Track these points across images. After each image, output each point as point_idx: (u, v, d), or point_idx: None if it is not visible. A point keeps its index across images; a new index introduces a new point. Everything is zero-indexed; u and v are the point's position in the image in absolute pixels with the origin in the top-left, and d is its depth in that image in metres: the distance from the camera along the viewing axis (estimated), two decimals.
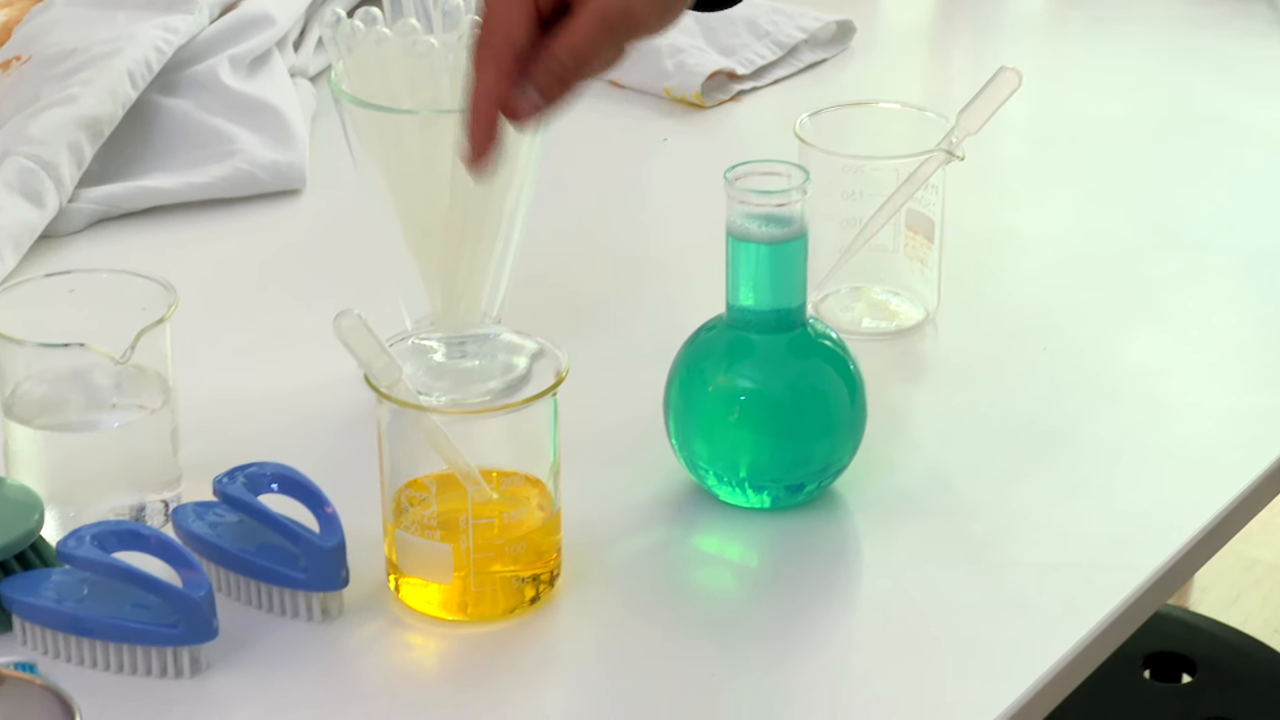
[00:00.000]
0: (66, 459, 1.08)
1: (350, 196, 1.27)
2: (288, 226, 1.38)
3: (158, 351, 1.07)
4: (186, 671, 1.00)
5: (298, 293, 1.30)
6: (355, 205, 1.24)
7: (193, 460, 1.11)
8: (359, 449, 1.12)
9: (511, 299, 1.21)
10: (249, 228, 1.37)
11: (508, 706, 0.99)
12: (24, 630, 1.01)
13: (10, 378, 1.07)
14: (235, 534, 1.05)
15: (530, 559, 1.03)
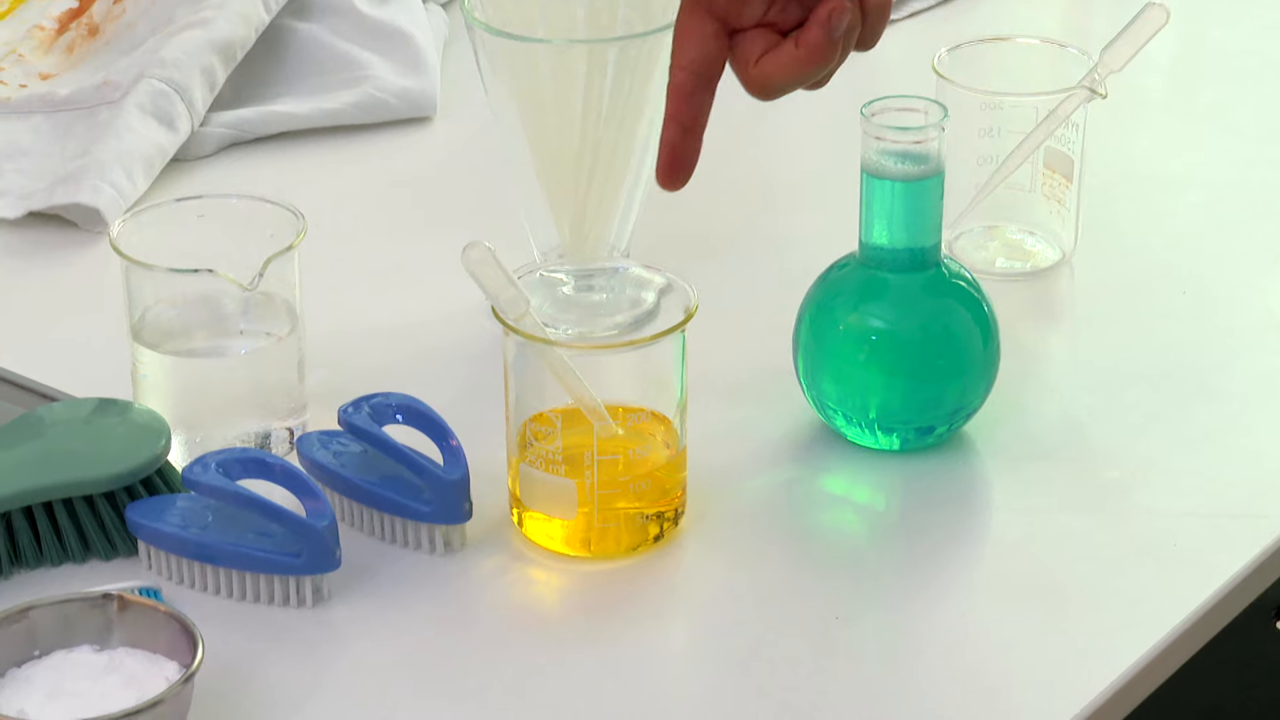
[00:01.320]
0: (193, 384, 1.08)
1: (480, 125, 1.26)
2: (417, 155, 1.37)
3: (286, 279, 1.07)
4: (308, 601, 0.99)
5: (426, 222, 1.29)
6: (485, 134, 1.23)
7: (317, 389, 1.11)
8: (484, 381, 1.11)
9: (640, 232, 1.19)
10: (378, 155, 1.36)
11: (629, 644, 0.98)
12: (149, 555, 1.01)
13: (139, 302, 1.07)
14: (359, 464, 1.04)
15: (655, 496, 1.02)
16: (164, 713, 0.88)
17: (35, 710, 0.88)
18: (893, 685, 0.96)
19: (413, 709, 0.94)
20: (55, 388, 1.12)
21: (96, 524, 1.01)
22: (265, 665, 0.96)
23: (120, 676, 0.90)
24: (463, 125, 1.39)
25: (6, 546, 1.00)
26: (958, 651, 0.98)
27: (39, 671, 0.91)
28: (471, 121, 1.37)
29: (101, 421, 1.04)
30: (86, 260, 1.25)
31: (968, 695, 0.95)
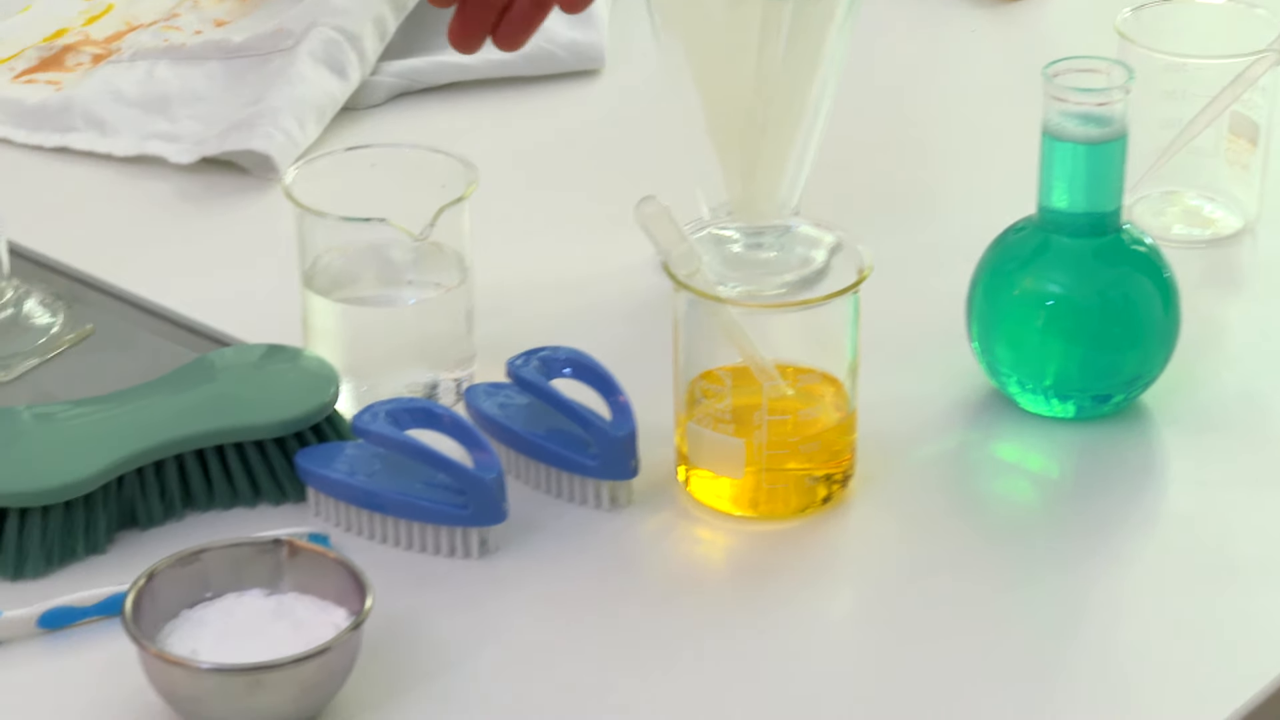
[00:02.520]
0: (363, 333, 1.08)
1: (648, 79, 1.25)
2: (585, 107, 1.36)
3: (456, 229, 1.07)
4: (475, 553, 0.99)
5: (594, 175, 1.29)
6: (653, 88, 1.22)
7: (485, 340, 1.11)
8: (652, 337, 1.10)
9: (811, 190, 1.18)
10: (547, 107, 1.36)
11: (794, 605, 0.97)
12: (317, 502, 1.01)
13: (310, 249, 1.07)
14: (526, 417, 1.04)
15: (824, 458, 1.01)
16: (332, 660, 0.88)
17: (206, 651, 0.88)
18: (1056, 657, 0.94)
19: (575, 664, 0.94)
20: (227, 332, 1.13)
21: (266, 469, 1.02)
22: (431, 615, 0.96)
23: (289, 622, 0.91)
24: (630, 79, 1.38)
25: (179, 488, 1.01)
26: (1129, 625, 0.96)
27: (210, 613, 0.91)
28: (639, 75, 1.36)
29: (272, 367, 1.05)
30: (258, 206, 1.25)
31: (1132, 672, 0.94)
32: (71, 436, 0.99)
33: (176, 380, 1.03)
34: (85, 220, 1.24)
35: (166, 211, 1.25)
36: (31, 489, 0.96)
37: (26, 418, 1.00)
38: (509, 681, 0.93)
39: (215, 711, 0.88)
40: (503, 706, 0.91)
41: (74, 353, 1.12)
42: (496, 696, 0.92)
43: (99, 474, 0.98)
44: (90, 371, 1.10)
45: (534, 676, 0.93)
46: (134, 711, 0.90)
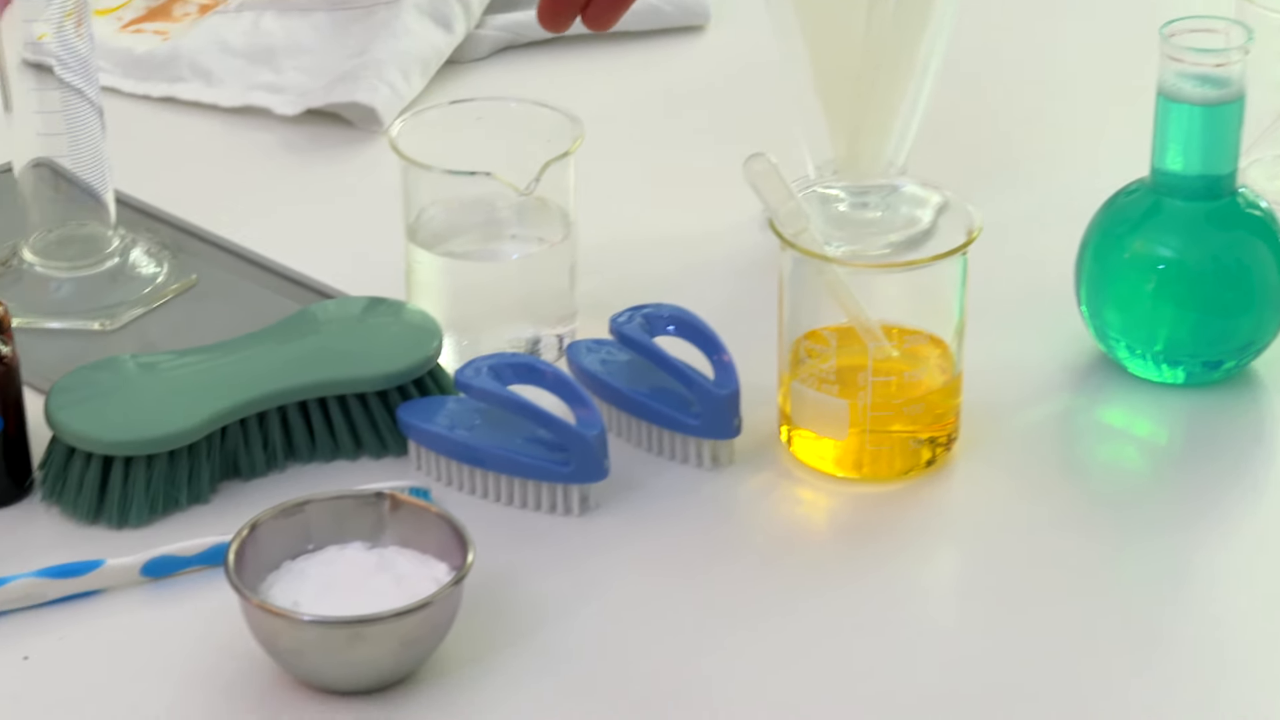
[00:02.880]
0: (466, 287, 1.07)
1: (753, 35, 1.24)
2: (689, 63, 1.35)
3: (561, 185, 1.06)
4: (575, 509, 0.99)
5: (697, 131, 1.28)
6: (758, 44, 1.21)
7: (587, 296, 1.10)
8: (757, 296, 1.09)
9: (918, 150, 1.17)
10: (651, 62, 1.35)
11: (895, 569, 0.96)
12: (418, 455, 1.01)
13: (415, 202, 1.07)
14: (628, 374, 1.04)
15: (928, 420, 1.00)
16: (433, 614, 0.88)
17: (308, 603, 0.88)
18: (1158, 624, 0.93)
19: (673, 623, 0.93)
20: (330, 284, 1.13)
21: (368, 422, 1.02)
22: (530, 572, 0.96)
23: (390, 575, 0.91)
24: (736, 34, 1.37)
25: (281, 439, 1.01)
26: (1229, 594, 0.95)
27: (312, 565, 0.91)
28: (744, 31, 1.35)
29: (374, 320, 1.05)
30: (362, 158, 1.25)
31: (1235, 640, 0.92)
32: (176, 386, 1.00)
33: (280, 332, 1.03)
34: (190, 170, 1.24)
35: (271, 163, 1.25)
36: (137, 438, 0.96)
37: (131, 367, 1.01)
38: (607, 639, 0.92)
39: (315, 663, 0.88)
40: (600, 664, 0.91)
41: (178, 302, 1.12)
42: (594, 654, 0.91)
43: (203, 424, 0.98)
44: (193, 322, 1.11)
45: (632, 635, 0.93)
46: (235, 660, 0.90)
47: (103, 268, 1.12)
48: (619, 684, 0.90)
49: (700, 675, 0.91)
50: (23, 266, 1.11)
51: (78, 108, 1.08)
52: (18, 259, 1.11)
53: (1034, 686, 0.90)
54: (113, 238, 1.12)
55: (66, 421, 0.97)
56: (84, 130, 1.08)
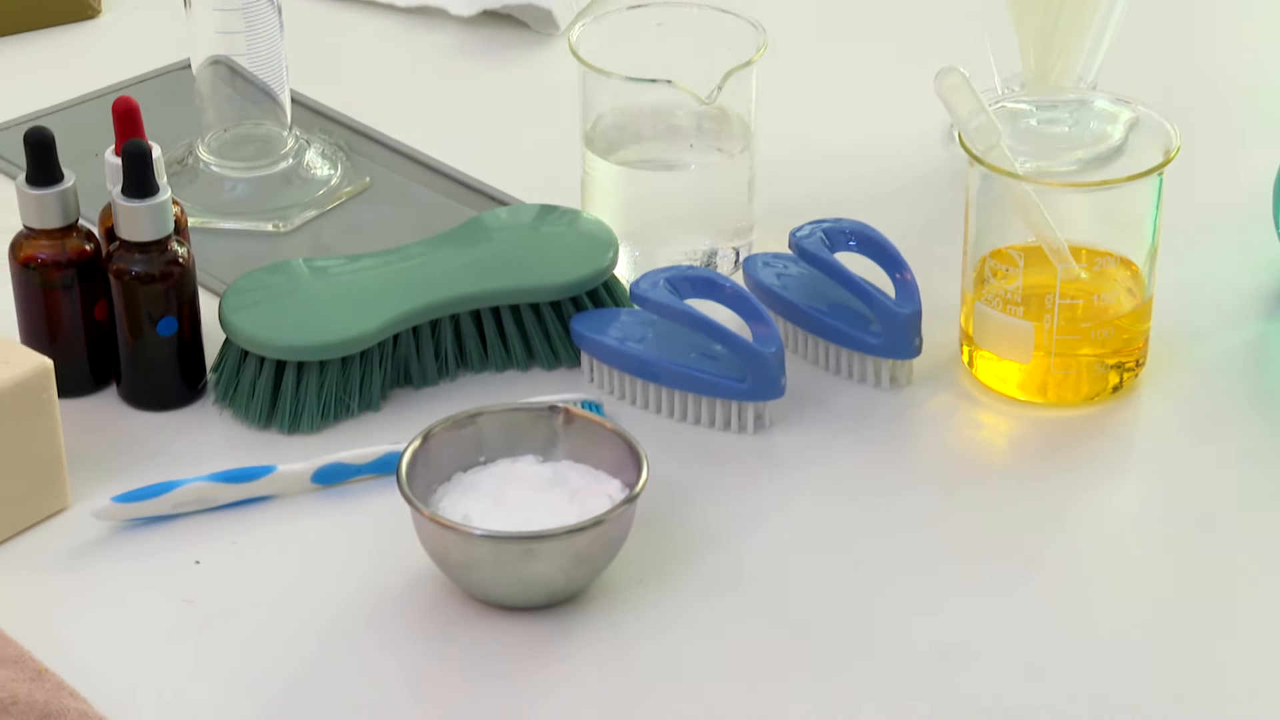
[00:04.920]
0: (642, 197, 1.05)
1: None
2: None
3: (742, 94, 1.04)
4: (750, 427, 0.97)
5: (883, 43, 1.25)
6: None
7: (764, 209, 1.08)
8: (940, 212, 1.07)
9: (1109, 65, 1.13)
10: None
11: (1079, 495, 0.94)
12: (591, 368, 1.00)
13: (593, 109, 1.05)
14: (806, 290, 1.01)
15: (1116, 345, 0.97)
16: (607, 531, 0.87)
17: (480, 517, 0.87)
18: None
19: (848, 545, 0.91)
20: (503, 190, 1.11)
21: (541, 332, 1.00)
22: (703, 489, 0.94)
23: (563, 490, 0.89)
24: None
25: (454, 348, 1.00)
26: None
27: (484, 478, 0.90)
28: None
29: (548, 229, 1.03)
30: (537, 62, 1.23)
31: None
32: (349, 292, 0.98)
33: (453, 239, 1.02)
34: (365, 72, 1.23)
35: (445, 65, 1.24)
36: (311, 343, 0.96)
37: (304, 270, 1.00)
38: (779, 561, 0.90)
39: (486, 578, 0.87)
40: (772, 586, 0.89)
41: (350, 205, 1.11)
42: (766, 576, 0.90)
43: (377, 331, 0.97)
44: (366, 225, 1.10)
45: (805, 557, 0.91)
46: (403, 572, 0.89)
47: (277, 169, 1.11)
48: (789, 607, 0.88)
49: (872, 600, 0.89)
50: (198, 166, 1.10)
51: (256, 5, 1.06)
52: (193, 157, 1.10)
53: (1217, 621, 0.87)
54: (288, 138, 1.11)
55: (241, 325, 0.96)
56: (262, 28, 1.07)
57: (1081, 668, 0.85)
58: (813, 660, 0.86)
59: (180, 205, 0.99)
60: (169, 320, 0.96)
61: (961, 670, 0.85)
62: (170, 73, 1.20)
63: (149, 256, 0.95)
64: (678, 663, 0.86)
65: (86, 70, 1.21)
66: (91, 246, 0.97)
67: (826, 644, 0.87)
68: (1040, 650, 0.86)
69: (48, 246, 0.96)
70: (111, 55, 1.23)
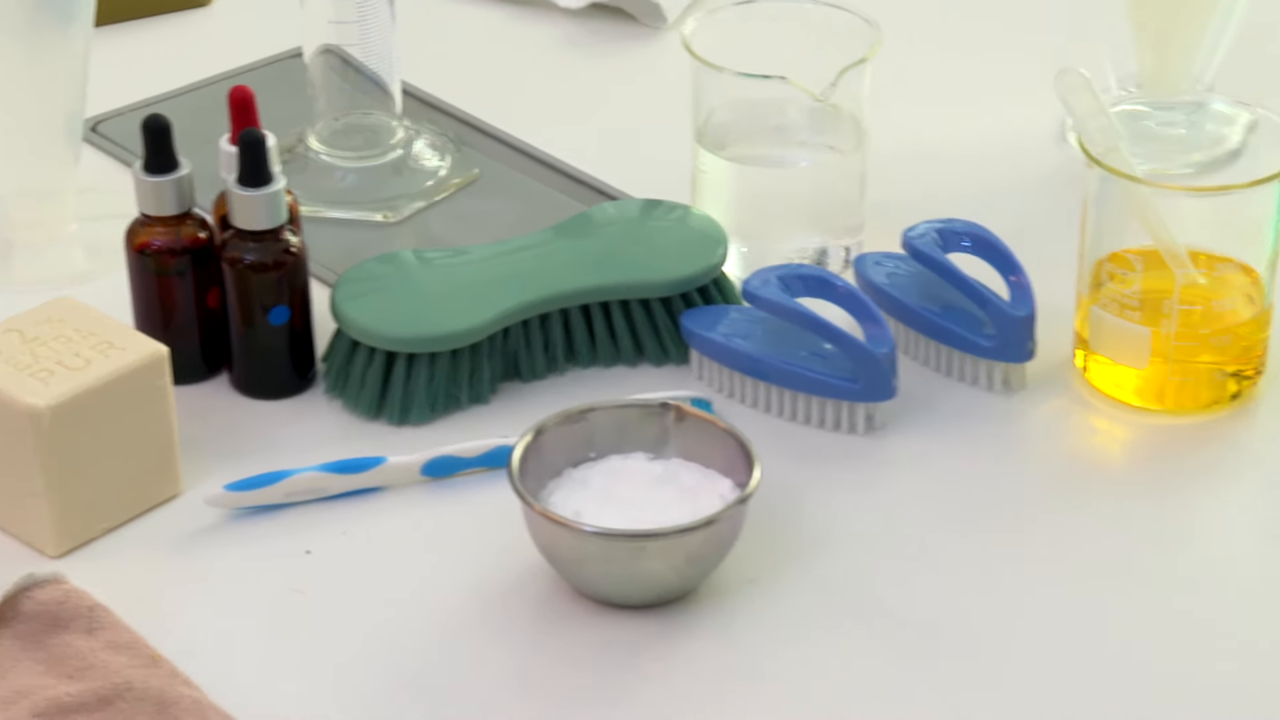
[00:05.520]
0: (752, 192, 1.05)
1: None
2: None
3: (855, 91, 1.03)
4: (860, 428, 0.96)
5: (998, 40, 1.23)
6: None
7: (875, 207, 1.07)
8: (1054, 214, 1.06)
9: (1228, 65, 1.12)
10: None
11: (1194, 504, 0.93)
12: (700, 365, 0.99)
13: (705, 104, 1.04)
14: (918, 290, 1.00)
15: (1235, 352, 0.96)
16: (718, 531, 0.86)
17: (591, 514, 0.87)
18: None
19: (958, 549, 0.90)
20: (611, 184, 1.11)
21: (650, 328, 1.00)
22: (812, 490, 0.93)
23: (674, 488, 0.89)
24: None
25: (563, 342, 0.99)
26: None
27: (594, 474, 0.89)
28: None
29: (657, 224, 1.02)
30: (645, 56, 1.23)
31: None
32: (459, 284, 0.98)
33: (563, 232, 1.02)
34: (473, 63, 1.23)
35: (553, 57, 1.24)
36: (423, 335, 0.95)
37: (413, 261, 1.00)
38: (889, 563, 0.90)
39: (596, 574, 0.86)
40: (881, 589, 0.89)
41: (459, 197, 1.11)
42: (876, 578, 0.89)
43: (488, 324, 0.96)
44: (474, 217, 1.09)
45: (914, 561, 0.90)
46: (512, 566, 0.89)
47: (386, 159, 1.11)
48: (898, 611, 0.88)
49: (983, 605, 0.88)
50: (308, 154, 1.10)
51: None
52: (303, 146, 1.11)
53: None
54: (397, 128, 1.11)
55: (353, 315, 0.96)
56: (374, 18, 1.07)
57: (1193, 680, 0.84)
58: (920, 666, 0.85)
59: (293, 194, 0.99)
60: (281, 309, 0.96)
61: (1073, 682, 0.84)
62: (279, 61, 1.20)
63: (262, 245, 0.95)
64: (786, 663, 0.85)
65: (197, 58, 1.21)
66: (205, 234, 0.97)
67: (934, 650, 0.86)
68: (1156, 662, 0.85)
69: (163, 234, 0.96)
70: (221, 43, 1.23)
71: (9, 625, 0.81)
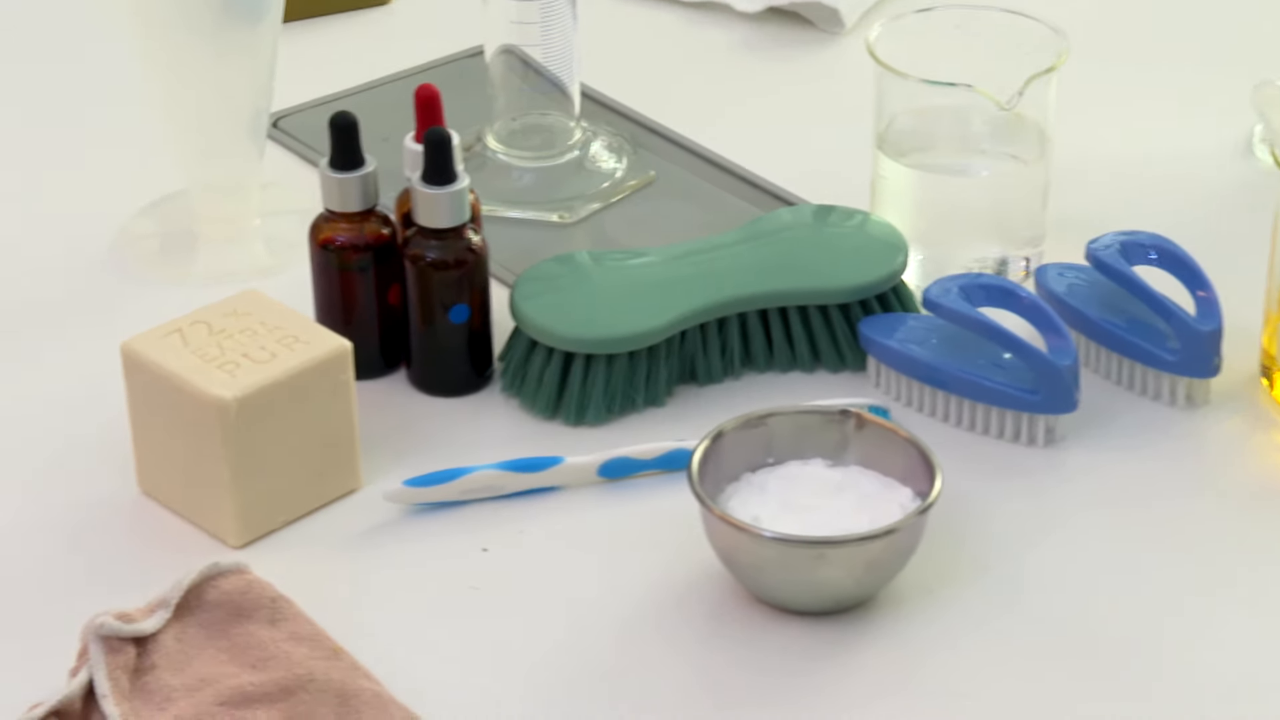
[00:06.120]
0: (933, 200, 1.04)
1: None
2: None
3: (1040, 101, 1.02)
4: (1039, 440, 0.95)
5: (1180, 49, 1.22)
6: None
7: (1056, 217, 1.06)
8: (1240, 228, 1.04)
9: None
10: None
11: None
12: (878, 373, 0.98)
13: (887, 110, 1.03)
14: (1100, 302, 0.99)
15: None
16: (899, 541, 0.85)
17: (769, 519, 0.86)
18: None
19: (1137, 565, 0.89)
20: (787, 189, 1.10)
21: (828, 334, 0.99)
22: (990, 501, 0.92)
23: (853, 496, 0.88)
24: None
25: (740, 347, 0.99)
26: None
27: (772, 480, 0.89)
28: None
29: (836, 230, 1.02)
30: (822, 61, 1.22)
31: None
32: (637, 286, 0.98)
33: (740, 237, 1.01)
34: (649, 65, 1.23)
35: (730, 61, 1.23)
36: (602, 336, 0.95)
37: (589, 263, 1.00)
38: (1066, 578, 0.89)
39: (774, 580, 0.86)
40: (1060, 602, 0.87)
41: (635, 199, 1.11)
42: (1054, 591, 0.88)
43: (666, 326, 0.96)
44: (649, 219, 1.09)
45: (1092, 576, 0.89)
46: (688, 570, 0.89)
47: (563, 159, 1.11)
48: (1076, 625, 0.86)
49: (1159, 625, 0.86)
50: (486, 153, 1.11)
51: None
52: (481, 145, 1.11)
53: None
54: (575, 129, 1.11)
55: (532, 315, 0.96)
56: (556, 20, 1.07)
57: None
58: (1097, 682, 0.84)
59: (475, 193, 0.99)
60: (461, 307, 0.96)
61: (1248, 707, 0.83)
62: (458, 60, 1.21)
63: (445, 243, 0.95)
64: (962, 675, 0.84)
65: (376, 56, 1.22)
66: (388, 231, 0.97)
67: (1111, 667, 0.85)
68: None
69: (346, 230, 0.97)
70: (401, 41, 1.24)
71: (194, 613, 0.82)
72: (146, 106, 1.08)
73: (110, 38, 1.22)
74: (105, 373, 0.95)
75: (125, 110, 1.17)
